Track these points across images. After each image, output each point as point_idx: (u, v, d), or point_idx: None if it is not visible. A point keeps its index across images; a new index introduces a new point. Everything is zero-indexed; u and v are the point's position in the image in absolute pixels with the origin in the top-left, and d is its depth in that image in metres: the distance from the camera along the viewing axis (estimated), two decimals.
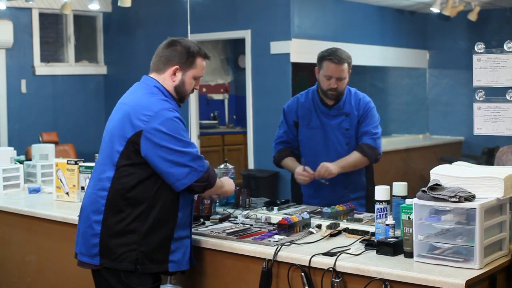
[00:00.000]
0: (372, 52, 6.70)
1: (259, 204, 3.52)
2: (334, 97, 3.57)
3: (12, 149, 4.43)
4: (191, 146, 2.68)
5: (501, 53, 2.71)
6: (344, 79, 3.53)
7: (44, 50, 7.39)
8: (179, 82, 2.78)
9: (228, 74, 8.90)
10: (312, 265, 2.53)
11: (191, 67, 2.78)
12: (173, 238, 2.72)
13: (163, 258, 2.71)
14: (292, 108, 3.70)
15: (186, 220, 2.78)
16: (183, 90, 2.79)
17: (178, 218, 2.73)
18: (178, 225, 2.73)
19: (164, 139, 2.61)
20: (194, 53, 2.78)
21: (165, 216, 2.70)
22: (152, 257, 2.69)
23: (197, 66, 2.79)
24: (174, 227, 2.72)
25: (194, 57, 2.78)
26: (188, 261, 2.80)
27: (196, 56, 2.79)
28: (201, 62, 2.81)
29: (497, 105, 2.74)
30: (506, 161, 4.17)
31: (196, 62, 2.79)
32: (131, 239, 2.67)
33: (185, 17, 4.48)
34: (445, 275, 2.25)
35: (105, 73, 7.77)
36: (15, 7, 6.88)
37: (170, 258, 2.72)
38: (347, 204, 3.28)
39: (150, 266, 2.69)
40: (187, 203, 2.77)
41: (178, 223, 2.73)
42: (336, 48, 3.58)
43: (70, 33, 7.55)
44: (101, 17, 7.78)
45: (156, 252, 2.69)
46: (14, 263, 3.87)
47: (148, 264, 2.68)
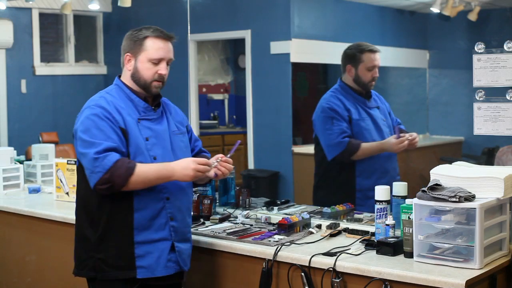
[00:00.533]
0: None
1: (259, 204, 3.52)
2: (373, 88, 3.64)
3: (12, 149, 4.43)
4: (93, 146, 2.49)
5: (501, 53, 2.71)
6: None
7: (44, 50, 7.39)
8: (133, 70, 2.65)
9: (228, 74, 8.90)
10: (312, 265, 2.53)
11: (142, 50, 2.63)
12: (135, 243, 2.56)
13: (127, 264, 2.56)
14: (339, 104, 3.63)
15: (150, 222, 2.58)
16: (139, 77, 2.64)
17: (135, 221, 2.56)
18: (137, 228, 2.56)
19: (76, 139, 2.58)
20: (142, 35, 2.63)
21: (116, 220, 2.57)
22: (113, 264, 2.57)
23: (148, 48, 2.62)
24: (132, 230, 2.56)
25: (143, 40, 2.63)
26: (165, 265, 2.61)
27: (145, 38, 2.63)
28: (153, 42, 2.62)
29: (497, 105, 2.74)
30: (506, 161, 4.16)
31: (146, 43, 2.62)
32: (88, 246, 2.62)
33: (185, 17, 4.48)
34: (445, 275, 2.25)
35: (105, 73, 7.77)
36: (15, 7, 6.88)
37: (137, 264, 2.57)
38: (347, 204, 3.29)
39: (112, 273, 2.57)
40: (147, 204, 2.57)
41: (136, 226, 2.56)
42: (362, 42, 3.67)
43: (70, 33, 7.54)
44: (101, 17, 7.78)
45: (117, 259, 2.57)
46: (14, 263, 3.86)
47: (110, 271, 2.57)
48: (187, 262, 2.71)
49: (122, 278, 2.58)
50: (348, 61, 3.62)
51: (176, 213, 2.63)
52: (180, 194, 2.65)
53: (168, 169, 2.54)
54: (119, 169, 2.47)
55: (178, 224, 2.64)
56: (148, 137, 2.60)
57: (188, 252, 2.72)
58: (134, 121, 2.60)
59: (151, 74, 2.62)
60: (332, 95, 3.66)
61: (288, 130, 6.19)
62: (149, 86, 2.64)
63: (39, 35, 7.29)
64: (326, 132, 3.60)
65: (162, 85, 2.67)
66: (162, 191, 2.59)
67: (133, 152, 2.56)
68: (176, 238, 2.64)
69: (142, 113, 2.64)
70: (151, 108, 2.67)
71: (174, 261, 2.64)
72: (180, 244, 2.65)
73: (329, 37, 6.45)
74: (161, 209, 2.60)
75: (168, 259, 2.61)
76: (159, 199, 2.59)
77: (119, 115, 2.58)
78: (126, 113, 2.61)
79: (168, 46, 2.66)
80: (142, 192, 2.56)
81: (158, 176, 2.53)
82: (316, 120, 3.67)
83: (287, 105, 6.20)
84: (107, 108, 2.58)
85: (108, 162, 2.47)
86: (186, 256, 2.70)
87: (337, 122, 3.59)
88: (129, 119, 2.59)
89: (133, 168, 2.49)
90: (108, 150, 2.49)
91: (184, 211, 2.69)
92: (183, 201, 2.68)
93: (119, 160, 2.48)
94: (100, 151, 2.49)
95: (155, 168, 2.54)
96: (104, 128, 2.53)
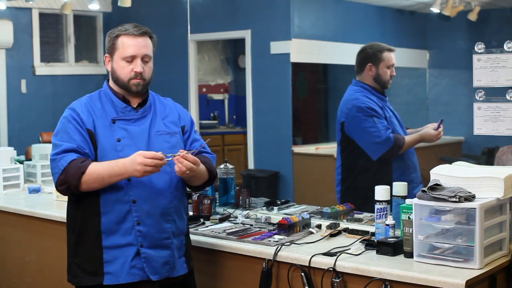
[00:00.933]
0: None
1: (259, 204, 3.52)
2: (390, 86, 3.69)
3: (12, 149, 4.43)
4: (55, 147, 2.51)
5: (501, 53, 2.71)
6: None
7: (44, 50, 7.39)
8: (112, 70, 2.61)
9: (228, 74, 8.90)
10: (312, 265, 2.53)
11: (115, 50, 2.58)
12: (103, 247, 2.51)
13: (96, 270, 2.51)
14: (373, 103, 3.63)
15: (117, 227, 2.50)
16: (116, 77, 2.59)
17: (102, 225, 2.50)
18: (104, 232, 2.50)
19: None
20: (114, 34, 2.59)
21: (87, 224, 2.53)
22: (85, 269, 2.54)
23: (119, 46, 2.56)
24: (99, 234, 2.51)
25: (115, 39, 2.58)
26: (128, 272, 2.51)
27: (117, 37, 2.58)
28: (124, 40, 2.56)
29: (497, 105, 2.74)
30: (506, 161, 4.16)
31: (117, 42, 2.57)
32: (69, 251, 2.63)
33: (185, 17, 4.48)
34: (445, 275, 2.25)
35: (105, 73, 7.77)
36: (15, 7, 6.88)
37: (105, 270, 2.51)
38: (347, 204, 3.29)
39: (84, 278, 2.55)
40: (112, 207, 2.50)
41: (103, 230, 2.50)
42: (376, 42, 3.72)
43: (70, 33, 7.54)
44: (101, 17, 7.77)
45: (88, 263, 2.53)
46: (14, 263, 3.86)
47: (83, 277, 2.55)
48: (160, 271, 2.55)
49: (92, 285, 2.54)
50: (369, 60, 3.65)
51: (144, 217, 2.51)
52: (150, 198, 2.53)
53: (119, 166, 2.44)
54: (72, 168, 2.45)
55: (147, 229, 2.52)
56: (121, 138, 2.55)
57: (162, 260, 2.55)
58: (109, 122, 2.57)
59: (127, 73, 2.57)
60: (361, 95, 3.64)
61: (288, 130, 6.20)
62: (127, 85, 2.58)
63: (39, 35, 7.29)
64: (369, 131, 3.55)
65: (143, 83, 2.59)
66: (128, 193, 2.51)
67: (101, 153, 2.53)
68: (146, 244, 2.52)
69: (120, 114, 2.60)
70: (130, 108, 2.61)
71: (140, 268, 2.52)
72: (149, 250, 2.52)
73: (329, 37, 6.45)
74: (127, 212, 2.51)
75: (131, 265, 2.52)
76: (125, 202, 2.51)
77: (90, 117, 2.57)
78: (101, 114, 2.58)
79: (141, 42, 2.57)
80: (107, 195, 2.50)
81: (111, 173, 2.44)
82: (352, 122, 3.61)
83: (287, 105, 6.21)
84: (77, 110, 2.58)
85: (64, 163, 2.46)
86: (158, 265, 2.54)
87: (378, 119, 3.57)
88: (101, 120, 2.57)
89: (85, 166, 2.45)
90: (66, 151, 2.49)
91: (157, 215, 2.54)
92: (156, 205, 2.54)
93: (73, 161, 2.46)
94: (59, 152, 2.49)
95: (107, 165, 2.46)
96: (69, 130, 2.54)
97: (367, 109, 3.57)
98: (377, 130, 3.53)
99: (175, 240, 2.60)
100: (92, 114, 2.58)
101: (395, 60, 3.67)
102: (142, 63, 2.57)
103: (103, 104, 2.62)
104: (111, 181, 2.47)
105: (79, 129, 2.53)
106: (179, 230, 2.63)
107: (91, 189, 2.49)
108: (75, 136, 2.52)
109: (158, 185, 2.54)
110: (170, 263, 2.57)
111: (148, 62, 2.61)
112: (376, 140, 3.53)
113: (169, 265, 2.57)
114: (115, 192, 2.51)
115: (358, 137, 3.62)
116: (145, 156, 2.39)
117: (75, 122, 2.54)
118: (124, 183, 2.50)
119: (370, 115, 3.56)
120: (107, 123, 2.57)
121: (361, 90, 3.65)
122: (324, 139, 7.08)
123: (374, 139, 3.54)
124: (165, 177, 2.56)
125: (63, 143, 2.51)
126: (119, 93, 2.63)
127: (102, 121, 2.57)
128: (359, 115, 3.59)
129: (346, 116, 3.65)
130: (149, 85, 2.66)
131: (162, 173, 2.51)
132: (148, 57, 2.60)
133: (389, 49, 3.67)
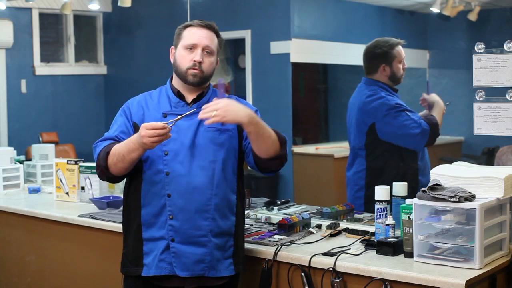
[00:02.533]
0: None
1: (259, 204, 3.52)
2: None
3: (12, 149, 4.43)
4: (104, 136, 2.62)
5: (501, 53, 2.71)
6: None
7: (44, 50, 7.39)
8: (174, 61, 2.63)
9: (228, 74, 8.89)
10: (312, 265, 2.53)
11: (180, 40, 2.61)
12: (144, 239, 2.56)
13: (138, 261, 2.57)
14: (398, 100, 3.59)
15: (155, 220, 2.54)
16: (177, 66, 2.60)
17: (142, 217, 2.56)
18: (144, 225, 2.56)
19: None
20: (183, 26, 2.63)
21: (132, 216, 2.60)
22: (130, 259, 2.60)
23: (184, 36, 2.59)
24: (140, 226, 2.56)
25: (183, 30, 2.61)
26: (157, 265, 2.53)
27: (185, 28, 2.61)
28: (189, 31, 2.59)
29: (497, 105, 2.74)
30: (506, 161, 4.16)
31: (183, 33, 2.60)
32: (123, 241, 2.68)
33: (185, 17, 4.48)
34: (445, 275, 2.25)
35: (105, 73, 7.76)
36: (15, 7, 6.88)
37: (144, 261, 2.56)
38: (347, 204, 3.29)
39: (129, 268, 2.60)
40: (151, 200, 2.55)
41: (143, 223, 2.56)
42: (380, 38, 3.68)
43: (70, 33, 7.54)
44: (101, 17, 7.77)
45: (133, 253, 2.59)
46: (14, 263, 3.86)
47: (129, 267, 2.60)
48: (192, 268, 2.52)
49: (134, 275, 2.58)
50: (381, 61, 3.57)
51: (177, 212, 2.51)
52: (186, 193, 2.51)
53: (133, 141, 2.45)
54: (101, 153, 2.55)
55: (179, 224, 2.51)
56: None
57: (196, 257, 2.52)
58: (160, 116, 2.59)
59: (186, 62, 2.56)
60: (386, 93, 3.57)
61: (288, 130, 6.19)
62: (185, 75, 2.57)
63: (39, 35, 7.28)
64: (406, 123, 3.47)
65: (200, 74, 2.56)
66: (164, 187, 2.53)
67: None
68: (177, 238, 2.52)
69: (173, 108, 2.61)
70: (183, 103, 2.60)
71: (168, 262, 2.53)
72: (180, 245, 2.51)
73: (329, 37, 6.46)
74: (163, 206, 2.53)
75: (160, 258, 2.53)
76: (161, 196, 2.53)
77: (141, 111, 2.62)
78: (155, 108, 2.62)
79: (204, 33, 2.58)
80: (147, 187, 2.55)
81: (128, 149, 2.45)
82: (386, 120, 3.51)
83: (287, 105, 6.21)
84: (129, 105, 2.66)
85: (98, 149, 2.58)
86: (189, 261, 2.52)
87: (410, 112, 3.52)
88: (153, 114, 2.60)
89: (110, 147, 2.52)
90: (105, 139, 2.59)
91: (192, 211, 2.51)
92: (191, 201, 2.51)
93: (105, 146, 2.55)
94: (99, 140, 2.60)
95: (125, 142, 2.49)
96: (117, 121, 2.64)
97: (397, 106, 3.51)
98: (413, 121, 3.47)
99: (215, 239, 2.54)
100: (143, 107, 2.62)
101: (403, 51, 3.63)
102: (203, 54, 2.57)
103: (160, 99, 2.64)
104: (131, 157, 2.46)
105: (125, 121, 2.62)
106: (220, 229, 2.55)
107: (120, 170, 2.51)
108: (119, 127, 2.61)
109: (196, 181, 2.52)
110: (206, 261, 2.53)
111: (210, 55, 2.59)
112: (416, 130, 3.46)
113: (205, 263, 2.53)
114: (154, 185, 2.54)
115: (393, 135, 3.51)
116: (146, 128, 2.38)
117: (124, 114, 2.63)
118: (162, 177, 2.53)
119: (402, 109, 3.50)
120: (158, 117, 2.59)
121: (380, 90, 3.58)
122: (324, 139, 7.08)
123: (413, 130, 3.47)
124: (205, 173, 2.53)
125: (106, 133, 2.63)
126: (176, 88, 2.64)
127: (153, 115, 2.60)
128: (391, 112, 3.50)
129: (376, 117, 3.53)
130: (208, 80, 2.63)
131: (202, 168, 2.52)
132: (209, 49, 2.58)
133: (398, 43, 3.61)
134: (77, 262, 3.45)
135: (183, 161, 2.52)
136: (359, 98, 3.62)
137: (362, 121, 3.58)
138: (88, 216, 3.39)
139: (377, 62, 3.59)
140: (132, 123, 2.61)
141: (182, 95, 2.62)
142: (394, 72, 3.58)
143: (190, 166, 2.52)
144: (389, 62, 3.57)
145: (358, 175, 3.64)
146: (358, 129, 3.61)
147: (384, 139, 3.53)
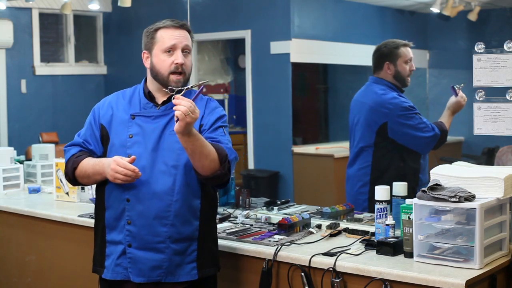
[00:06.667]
0: (372, 52, 6.70)
1: (259, 204, 3.52)
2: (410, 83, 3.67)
3: (12, 149, 4.43)
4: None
5: (501, 53, 2.71)
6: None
7: (44, 50, 7.39)
8: (151, 66, 2.54)
9: (228, 74, 8.90)
10: (312, 265, 2.53)
11: (154, 43, 2.52)
12: (107, 241, 2.53)
13: (102, 262, 2.55)
14: (410, 101, 3.62)
15: (116, 223, 2.50)
16: (156, 72, 2.51)
17: (106, 220, 2.53)
18: (107, 227, 2.52)
19: None
20: (153, 28, 2.54)
21: (99, 215, 2.58)
22: (97, 259, 2.60)
23: (159, 39, 2.50)
24: (105, 227, 2.53)
25: (154, 32, 2.53)
26: (113, 269, 2.50)
27: (157, 30, 2.52)
28: (165, 32, 2.51)
29: (497, 105, 2.74)
30: (506, 161, 4.17)
31: (157, 35, 2.52)
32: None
33: (185, 17, 4.48)
34: (445, 275, 2.25)
35: (105, 73, 7.77)
36: (15, 7, 6.88)
37: (105, 263, 2.54)
38: (347, 204, 3.29)
39: (96, 268, 2.59)
40: (113, 203, 2.50)
41: (106, 225, 2.53)
42: (390, 39, 3.72)
43: (70, 33, 7.54)
44: (101, 17, 7.77)
45: (99, 254, 2.58)
46: (14, 263, 3.86)
47: (97, 266, 2.59)
48: (148, 274, 2.46)
49: (100, 275, 2.58)
50: (386, 59, 3.62)
51: (135, 217, 2.46)
52: (145, 199, 2.45)
53: (100, 165, 2.47)
54: (69, 162, 2.58)
55: (137, 229, 2.46)
56: (133, 134, 2.51)
57: (152, 263, 2.46)
58: (128, 117, 2.55)
59: (167, 66, 2.48)
60: (397, 93, 3.59)
61: (288, 130, 6.20)
62: (167, 81, 2.49)
63: (39, 35, 7.28)
64: (420, 126, 3.49)
65: (183, 78, 2.50)
66: (124, 192, 2.47)
67: (109, 149, 2.55)
68: (134, 244, 2.47)
69: (142, 110, 2.56)
70: (152, 105, 2.55)
71: (124, 267, 2.49)
72: (137, 251, 2.47)
73: (329, 37, 6.46)
74: (122, 210, 2.49)
75: (116, 263, 2.50)
76: (121, 200, 2.48)
77: (109, 111, 2.58)
78: (125, 109, 2.57)
79: (181, 34, 2.52)
80: (110, 190, 2.51)
81: (94, 171, 2.49)
82: (400, 121, 3.50)
83: (287, 105, 6.21)
84: (100, 106, 2.64)
85: (67, 156, 2.61)
86: (145, 267, 2.46)
87: (421, 116, 3.54)
88: (122, 115, 2.56)
89: (77, 162, 2.55)
90: (72, 145, 2.62)
91: (150, 217, 2.45)
92: (149, 207, 2.45)
93: (73, 155, 2.58)
94: (68, 145, 2.63)
95: (93, 163, 2.51)
96: (86, 123, 2.64)
97: (411, 108, 3.52)
98: (425, 126, 3.50)
99: (174, 245, 2.48)
100: (113, 108, 2.59)
101: (412, 54, 3.64)
102: (183, 55, 2.50)
103: (132, 99, 2.60)
104: (96, 178, 2.52)
105: (92, 123, 2.61)
106: (181, 235, 2.48)
107: (86, 183, 2.62)
108: (87, 130, 2.62)
109: (156, 187, 2.45)
110: (163, 267, 2.47)
111: (188, 55, 2.54)
112: (428, 134, 3.49)
113: (162, 269, 2.47)
114: (115, 188, 2.49)
115: (405, 136, 3.51)
116: (118, 164, 2.37)
117: (92, 117, 2.63)
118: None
119: (415, 112, 3.53)
120: (126, 118, 2.55)
121: (389, 89, 3.60)
122: (324, 139, 7.08)
123: (426, 134, 3.49)
124: (166, 180, 2.46)
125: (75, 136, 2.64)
126: (148, 88, 2.58)
127: (122, 116, 2.56)
128: (405, 113, 3.50)
129: (388, 117, 3.52)
130: (188, 81, 2.57)
131: (164, 174, 2.46)
132: (188, 49, 2.53)
133: (405, 44, 3.66)
134: (77, 262, 3.45)
135: (145, 166, 2.46)
136: (371, 96, 3.62)
137: (372, 120, 3.58)
138: (88, 216, 3.39)
139: (382, 60, 3.64)
140: (99, 125, 2.59)
141: (153, 96, 2.58)
142: (398, 71, 3.61)
143: (152, 171, 2.46)
144: (394, 60, 3.61)
145: (362, 171, 3.65)
146: (367, 127, 3.61)
147: (393, 138, 3.54)
